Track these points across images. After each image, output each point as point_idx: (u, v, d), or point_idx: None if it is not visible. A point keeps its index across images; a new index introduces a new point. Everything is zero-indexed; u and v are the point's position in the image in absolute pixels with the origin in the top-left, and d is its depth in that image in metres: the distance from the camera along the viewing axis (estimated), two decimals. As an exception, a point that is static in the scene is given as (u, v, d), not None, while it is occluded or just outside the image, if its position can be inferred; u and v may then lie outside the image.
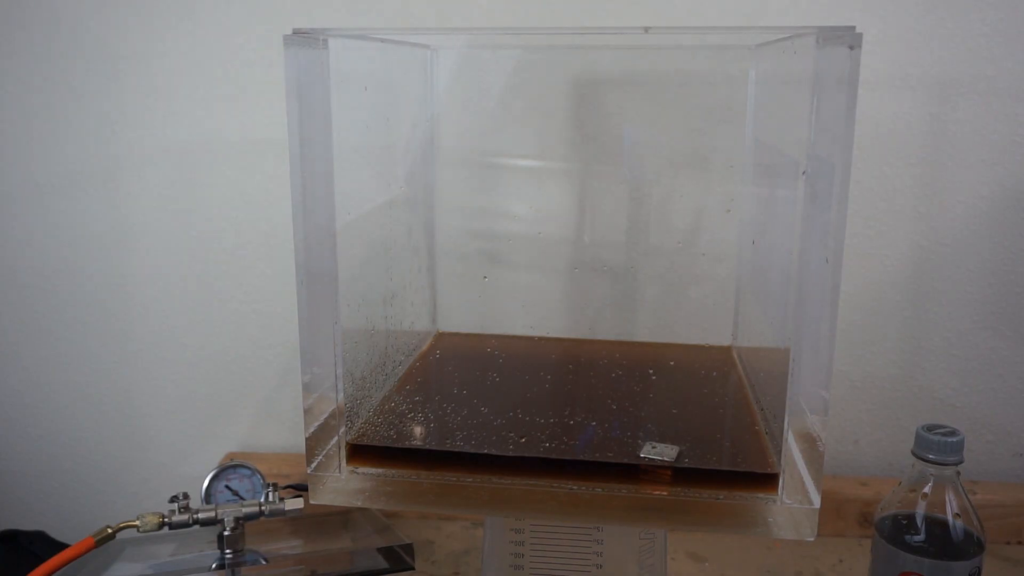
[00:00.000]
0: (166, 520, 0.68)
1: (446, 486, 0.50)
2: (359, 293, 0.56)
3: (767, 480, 0.48)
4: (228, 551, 0.69)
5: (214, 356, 0.89)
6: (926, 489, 0.58)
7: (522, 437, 0.52)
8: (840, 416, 0.84)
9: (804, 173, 0.46)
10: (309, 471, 0.51)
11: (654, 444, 0.51)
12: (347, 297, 0.51)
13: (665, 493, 0.49)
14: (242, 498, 0.73)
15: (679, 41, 0.67)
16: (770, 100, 0.63)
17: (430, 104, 0.71)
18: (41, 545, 0.82)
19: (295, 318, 0.51)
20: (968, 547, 0.57)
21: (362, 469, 0.52)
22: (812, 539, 0.47)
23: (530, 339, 0.73)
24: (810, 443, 0.47)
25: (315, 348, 0.51)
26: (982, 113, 0.76)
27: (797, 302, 0.47)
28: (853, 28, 0.43)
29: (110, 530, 0.66)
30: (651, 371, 0.66)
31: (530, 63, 0.71)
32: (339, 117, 0.48)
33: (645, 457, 0.49)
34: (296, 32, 0.47)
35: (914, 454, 0.58)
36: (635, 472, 0.49)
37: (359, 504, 0.52)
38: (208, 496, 0.73)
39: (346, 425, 0.52)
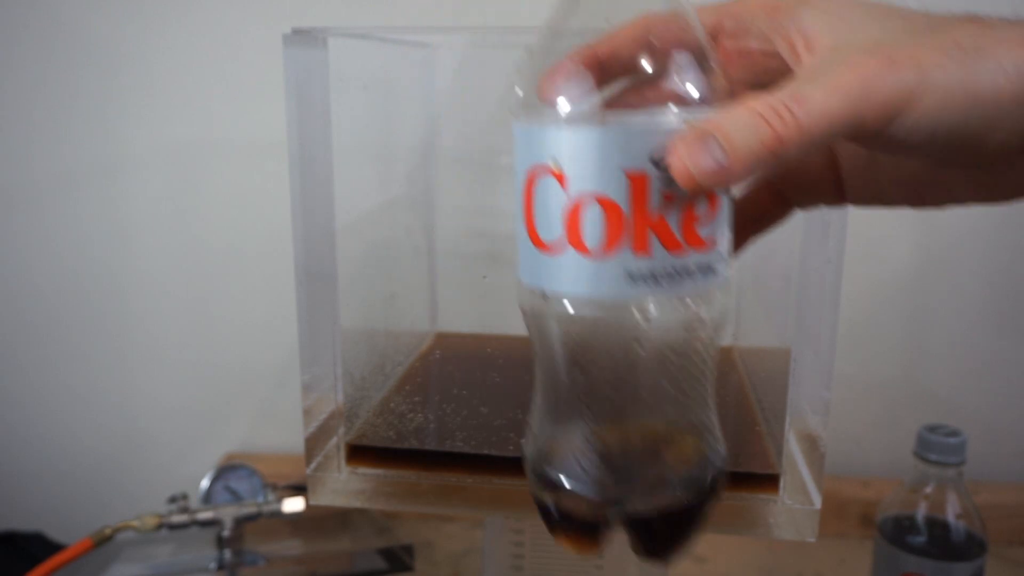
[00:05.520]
0: (165, 521, 0.68)
1: (446, 486, 0.50)
2: (359, 293, 0.55)
3: (768, 481, 0.48)
4: (227, 552, 0.69)
5: (213, 356, 0.89)
6: (928, 490, 0.58)
7: (522, 437, 0.52)
8: (841, 416, 0.84)
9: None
10: (308, 472, 0.51)
11: (655, 445, 0.50)
12: (347, 297, 0.51)
13: (666, 494, 0.48)
14: (241, 499, 0.73)
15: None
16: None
17: (430, 104, 0.71)
18: (39, 546, 0.82)
19: (294, 318, 0.50)
20: (970, 548, 0.57)
21: (361, 470, 0.51)
22: (813, 540, 0.47)
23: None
24: (811, 444, 0.47)
25: (314, 348, 0.51)
26: (983, 113, 0.76)
27: (798, 302, 0.46)
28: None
29: (108, 531, 0.66)
30: (652, 371, 0.66)
31: (530, 62, 0.71)
32: (339, 117, 0.48)
33: (646, 458, 0.49)
34: (295, 31, 0.47)
35: (916, 455, 0.58)
36: (636, 473, 0.49)
37: (359, 505, 0.51)
38: (207, 497, 0.73)
39: (345, 425, 0.52)
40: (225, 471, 0.74)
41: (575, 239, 0.28)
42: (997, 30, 0.26)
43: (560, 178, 0.28)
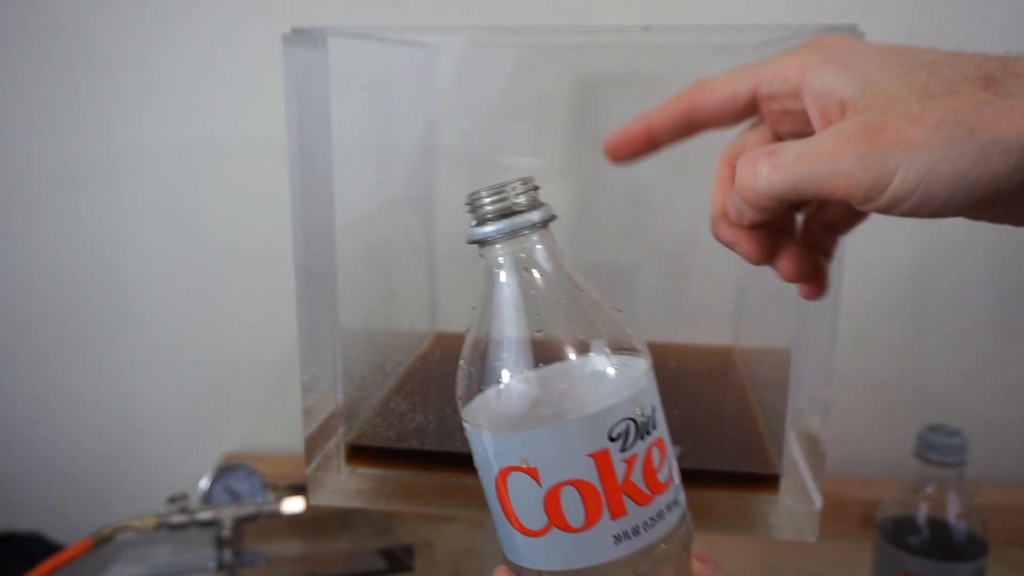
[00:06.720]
0: (164, 521, 0.68)
1: (446, 486, 0.50)
2: (359, 293, 0.55)
3: (768, 481, 0.48)
4: (227, 552, 0.69)
5: (213, 356, 0.89)
6: (928, 490, 0.58)
7: None
8: (842, 416, 0.83)
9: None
10: (308, 472, 0.51)
11: (655, 445, 0.50)
12: (347, 297, 0.51)
13: (666, 494, 0.48)
14: (241, 499, 0.73)
15: (680, 40, 0.67)
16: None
17: (430, 103, 0.71)
18: (37, 546, 0.82)
19: (294, 318, 0.50)
20: (971, 549, 0.57)
21: (361, 469, 0.51)
22: (814, 540, 0.47)
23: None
24: (812, 444, 0.47)
25: (314, 348, 0.50)
26: (984, 113, 0.76)
27: (798, 302, 0.46)
28: (855, 27, 0.43)
29: (108, 531, 0.66)
30: (652, 371, 0.66)
31: (530, 62, 0.71)
32: (339, 116, 0.48)
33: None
34: (295, 31, 0.47)
35: (916, 455, 0.58)
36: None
37: (358, 505, 0.51)
38: (207, 497, 0.73)
39: (345, 425, 0.51)
40: (225, 471, 0.74)
41: (559, 522, 0.31)
42: (1009, 97, 0.26)
43: (533, 473, 0.31)
